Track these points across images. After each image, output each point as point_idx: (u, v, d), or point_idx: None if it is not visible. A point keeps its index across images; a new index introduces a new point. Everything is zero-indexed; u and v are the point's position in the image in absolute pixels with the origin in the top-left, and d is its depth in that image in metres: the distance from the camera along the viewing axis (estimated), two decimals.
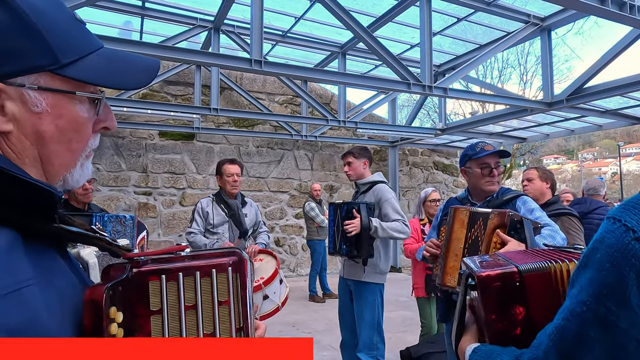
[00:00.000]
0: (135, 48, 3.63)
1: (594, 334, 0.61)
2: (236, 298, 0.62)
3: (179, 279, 0.60)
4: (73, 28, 0.59)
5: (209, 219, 3.28)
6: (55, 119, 0.56)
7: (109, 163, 7.14)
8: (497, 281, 0.83)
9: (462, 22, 5.77)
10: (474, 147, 2.30)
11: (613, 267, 0.60)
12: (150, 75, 0.65)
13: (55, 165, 0.58)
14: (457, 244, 1.92)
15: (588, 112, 6.10)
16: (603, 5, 3.18)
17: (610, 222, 0.64)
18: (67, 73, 0.56)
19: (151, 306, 0.59)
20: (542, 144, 26.02)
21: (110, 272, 0.60)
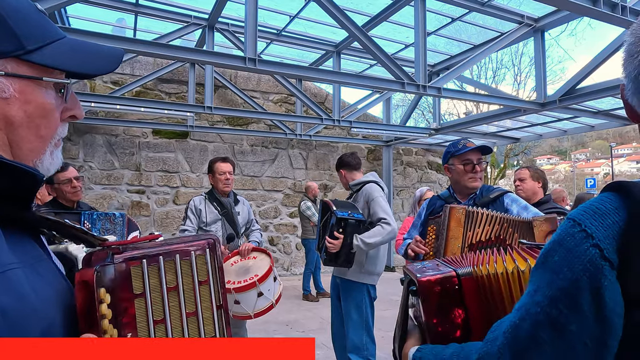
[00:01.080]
0: (128, 45, 3.61)
1: (545, 336, 0.62)
2: (215, 277, 0.65)
3: (160, 262, 0.62)
4: (36, 18, 0.60)
5: (201, 217, 3.28)
6: (24, 105, 0.58)
7: (101, 161, 7.09)
8: (437, 285, 0.84)
9: (457, 22, 5.79)
10: (456, 144, 2.31)
11: (569, 271, 0.61)
12: (114, 62, 0.66)
13: (24, 150, 0.59)
14: (455, 242, 1.92)
15: (580, 112, 6.15)
16: (595, 6, 3.20)
17: (571, 224, 0.64)
18: (33, 58, 0.57)
19: (134, 290, 0.60)
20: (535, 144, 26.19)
21: (92, 258, 0.62)
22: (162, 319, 0.61)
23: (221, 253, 0.72)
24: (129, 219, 2.88)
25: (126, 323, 0.59)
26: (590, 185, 23.77)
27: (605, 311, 0.59)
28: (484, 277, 0.84)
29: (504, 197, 2.19)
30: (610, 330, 0.59)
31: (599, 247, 0.60)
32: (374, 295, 3.13)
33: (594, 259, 0.60)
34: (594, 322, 0.59)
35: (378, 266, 3.10)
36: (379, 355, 3.89)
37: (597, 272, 0.59)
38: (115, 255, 0.61)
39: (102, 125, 7.02)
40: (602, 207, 0.64)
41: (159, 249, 0.64)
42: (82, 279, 0.58)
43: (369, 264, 3.04)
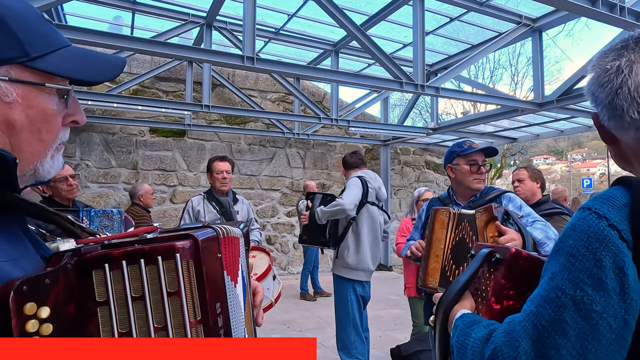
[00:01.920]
0: (126, 43, 3.59)
1: (569, 319, 0.62)
2: (189, 288, 0.56)
3: (123, 267, 0.55)
4: (42, 26, 0.62)
5: (200, 217, 3.27)
6: (26, 109, 0.59)
7: (98, 159, 7.06)
8: (526, 262, 0.85)
9: (455, 22, 5.79)
10: (461, 145, 2.28)
11: (590, 252, 0.63)
12: (116, 70, 0.68)
13: (26, 153, 0.60)
14: (438, 244, 1.93)
15: (577, 113, 6.17)
16: (594, 6, 3.21)
17: (581, 211, 0.67)
18: (36, 65, 0.59)
19: (97, 297, 0.55)
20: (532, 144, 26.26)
21: (52, 260, 0.57)
22: (128, 331, 0.55)
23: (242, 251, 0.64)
24: (125, 216, 2.87)
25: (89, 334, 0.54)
26: (586, 185, 23.84)
27: (629, 290, 0.61)
28: None
29: (501, 198, 2.18)
30: (632, 309, 0.61)
31: (616, 227, 0.63)
32: (362, 294, 3.12)
33: (614, 239, 0.62)
34: (618, 301, 0.61)
35: (361, 262, 3.08)
36: (376, 354, 3.90)
37: (619, 252, 0.61)
38: (75, 257, 0.56)
39: (99, 123, 6.99)
40: (610, 194, 0.67)
41: (125, 249, 0.56)
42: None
43: (349, 257, 3.06)
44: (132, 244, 0.58)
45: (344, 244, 3.10)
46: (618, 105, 0.74)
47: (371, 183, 3.18)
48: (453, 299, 0.92)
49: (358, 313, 3.05)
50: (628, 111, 0.72)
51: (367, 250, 3.12)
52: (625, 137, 0.77)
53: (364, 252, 3.10)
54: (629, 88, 0.72)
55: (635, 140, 0.75)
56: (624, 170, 0.83)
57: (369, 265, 3.14)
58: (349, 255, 3.06)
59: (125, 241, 0.59)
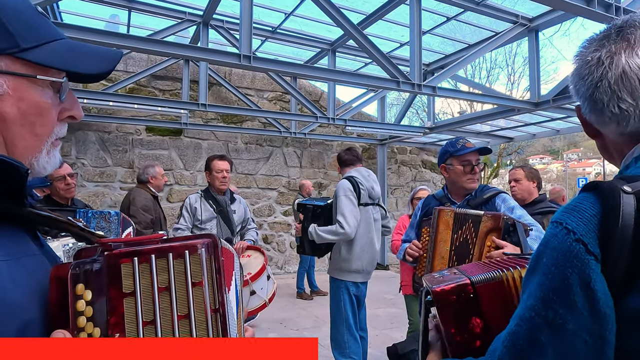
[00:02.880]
0: (122, 41, 3.57)
1: (544, 338, 0.61)
2: (210, 279, 0.62)
3: (152, 260, 0.60)
4: (34, 18, 0.61)
5: (197, 215, 3.27)
6: (17, 102, 0.58)
7: (94, 158, 7.03)
8: (452, 295, 0.83)
9: (451, 22, 5.80)
10: (454, 144, 2.27)
11: (557, 269, 0.62)
12: (111, 62, 0.66)
13: (19, 148, 0.60)
14: (443, 246, 1.91)
15: (573, 112, 6.19)
16: (589, 6, 3.22)
17: (554, 226, 0.65)
18: (27, 57, 0.58)
19: (124, 288, 0.58)
20: (528, 144, 26.37)
21: (82, 254, 0.61)
22: (152, 320, 0.58)
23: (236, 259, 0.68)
24: (123, 217, 2.86)
25: (114, 323, 0.57)
26: (582, 185, 23.97)
27: (598, 305, 0.59)
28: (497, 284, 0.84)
29: (496, 198, 2.18)
30: (606, 324, 0.60)
31: (582, 241, 0.61)
32: (355, 293, 3.11)
33: (579, 253, 0.61)
34: (590, 318, 0.59)
35: (354, 263, 3.07)
36: (373, 353, 3.90)
37: (584, 267, 0.60)
38: (106, 252, 0.60)
39: (94, 122, 6.96)
40: (578, 205, 0.65)
41: (153, 246, 0.61)
42: (56, 275, 0.57)
43: (342, 260, 3.06)
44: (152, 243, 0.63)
45: (336, 245, 3.09)
46: (598, 99, 0.71)
47: (363, 183, 3.14)
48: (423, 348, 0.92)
49: (351, 313, 3.05)
50: (608, 105, 0.70)
51: (360, 252, 3.10)
52: (607, 131, 0.75)
53: (357, 255, 3.08)
54: (609, 81, 0.69)
55: (616, 135, 0.73)
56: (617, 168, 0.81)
57: (363, 266, 3.12)
58: (342, 257, 3.06)
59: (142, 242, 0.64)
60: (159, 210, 4.15)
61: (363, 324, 3.29)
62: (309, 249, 3.13)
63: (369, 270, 3.19)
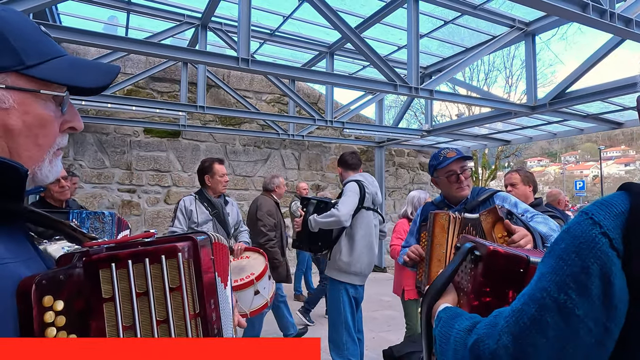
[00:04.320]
0: (120, 44, 3.58)
1: (550, 320, 0.63)
2: (189, 284, 0.61)
3: (129, 266, 0.60)
4: (37, 37, 0.65)
5: (192, 218, 3.26)
6: (22, 115, 0.62)
7: (92, 160, 7.03)
8: (504, 260, 0.86)
9: (449, 25, 5.83)
10: (437, 157, 2.26)
11: (578, 257, 0.63)
12: (109, 77, 0.71)
13: (23, 158, 0.63)
14: (440, 249, 1.93)
15: (570, 116, 6.23)
16: (585, 12, 3.25)
17: (580, 215, 0.67)
18: (31, 73, 0.62)
19: (103, 293, 0.59)
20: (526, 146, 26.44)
21: (61, 261, 0.62)
22: (132, 324, 0.59)
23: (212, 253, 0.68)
24: (119, 218, 2.87)
25: (95, 327, 0.58)
26: (579, 187, 24.02)
27: (613, 299, 0.61)
28: None
29: (494, 197, 2.18)
30: (615, 317, 0.62)
31: (607, 235, 0.63)
32: (354, 295, 3.13)
33: (603, 246, 0.62)
34: (601, 308, 0.61)
35: (353, 265, 3.09)
36: (369, 355, 3.91)
37: (608, 260, 0.62)
38: (84, 257, 0.60)
39: (92, 123, 6.95)
40: (609, 200, 0.67)
41: (130, 251, 0.61)
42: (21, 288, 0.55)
43: (340, 261, 3.07)
44: (134, 245, 0.62)
45: (337, 247, 3.11)
46: None
47: (369, 188, 3.18)
48: (437, 292, 0.95)
49: (350, 314, 3.06)
50: None
51: (360, 254, 3.12)
52: None
53: (357, 256, 3.10)
54: None
55: None
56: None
57: (362, 269, 3.14)
58: (341, 258, 3.07)
59: (126, 244, 0.64)
60: (280, 215, 4.56)
61: (360, 326, 3.30)
62: (306, 243, 3.15)
63: (366, 274, 3.21)
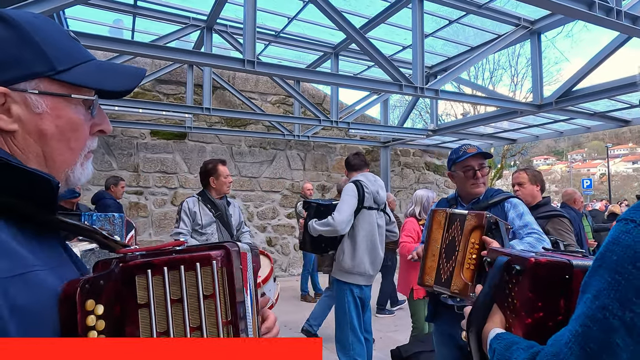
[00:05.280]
0: (126, 47, 3.61)
1: (620, 342, 0.58)
2: (222, 292, 0.62)
3: (164, 273, 0.61)
4: (67, 42, 0.68)
5: (196, 219, 3.24)
6: (55, 119, 0.64)
7: (99, 162, 7.09)
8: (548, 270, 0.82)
9: (454, 24, 5.82)
10: (457, 151, 2.31)
11: (637, 269, 0.58)
12: (137, 80, 0.73)
13: (57, 162, 0.65)
14: (434, 244, 1.95)
15: (577, 114, 6.20)
16: (591, 10, 3.23)
17: (623, 224, 0.62)
18: (63, 78, 0.64)
19: (138, 299, 0.60)
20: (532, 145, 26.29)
21: (99, 266, 0.64)
22: (166, 330, 0.60)
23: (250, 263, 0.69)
24: (126, 219, 2.90)
25: (130, 333, 0.59)
26: (586, 186, 23.79)
27: None
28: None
29: (505, 202, 2.19)
30: None
31: None
32: (359, 296, 3.12)
33: None
34: None
35: (357, 266, 3.09)
36: (377, 355, 3.92)
37: None
38: (121, 263, 0.62)
39: None
40: None
41: (166, 258, 0.63)
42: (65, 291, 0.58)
43: (344, 262, 3.08)
44: (168, 253, 0.64)
45: (340, 248, 3.12)
46: None
47: (368, 187, 3.16)
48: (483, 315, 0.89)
49: (356, 315, 3.06)
50: None
51: (363, 255, 3.11)
52: None
53: (360, 257, 3.10)
54: None
55: None
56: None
57: (366, 269, 3.13)
58: (345, 259, 3.08)
59: (159, 251, 0.66)
60: None
61: (368, 327, 3.30)
62: (309, 246, 3.18)
63: (372, 274, 3.20)
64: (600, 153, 56.60)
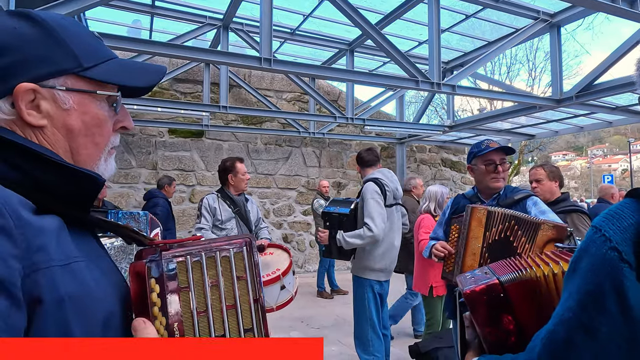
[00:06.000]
0: (144, 47, 3.67)
1: (580, 341, 0.64)
2: (252, 273, 0.70)
3: (202, 258, 0.67)
4: (92, 41, 0.70)
5: (216, 215, 3.33)
6: (81, 115, 0.66)
7: (119, 160, 7.22)
8: (483, 295, 0.87)
9: (471, 19, 5.75)
10: (479, 145, 2.33)
11: (594, 275, 0.64)
12: (157, 76, 0.75)
13: (83, 156, 0.67)
14: (475, 242, 1.94)
15: (598, 108, 6.06)
16: (614, 2, 3.16)
17: (593, 231, 0.68)
18: (89, 74, 0.66)
19: (180, 283, 0.66)
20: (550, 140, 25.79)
21: (142, 254, 0.70)
22: (205, 310, 0.66)
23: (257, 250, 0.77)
24: (151, 217, 2.95)
25: (174, 313, 0.64)
26: (608, 182, 23.27)
27: (632, 312, 0.61)
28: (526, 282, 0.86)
29: (527, 200, 2.20)
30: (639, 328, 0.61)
31: (617, 249, 0.63)
32: (379, 291, 3.13)
33: (614, 261, 0.62)
34: (623, 324, 0.61)
35: (379, 262, 3.09)
36: (394, 351, 3.92)
37: (619, 274, 0.62)
38: (163, 251, 0.67)
39: None
40: (619, 212, 0.67)
41: (201, 246, 0.69)
42: (135, 270, 0.66)
43: (366, 259, 3.08)
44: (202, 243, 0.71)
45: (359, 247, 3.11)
46: None
47: (389, 185, 3.15)
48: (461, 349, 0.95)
49: (375, 311, 3.07)
50: None
51: (384, 251, 3.12)
52: None
53: (381, 253, 3.10)
54: None
55: None
56: None
57: (387, 265, 3.14)
58: (366, 256, 3.08)
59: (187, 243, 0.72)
60: None
61: (385, 322, 3.31)
62: (336, 254, 3.15)
63: (391, 269, 3.21)
64: (622, 148, 55.20)
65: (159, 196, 5.43)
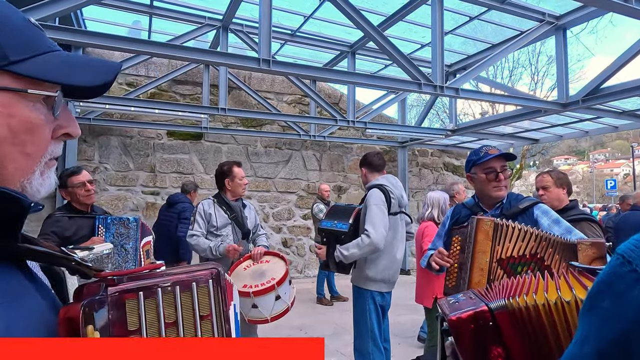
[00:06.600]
0: (143, 47, 3.59)
1: None
2: (219, 312, 0.60)
3: (158, 295, 0.57)
4: (25, 30, 0.56)
5: (212, 221, 3.23)
6: (7, 119, 0.53)
7: (116, 162, 7.13)
8: (470, 323, 0.76)
9: (474, 21, 5.66)
10: (477, 152, 2.20)
11: (619, 320, 0.52)
12: (108, 74, 0.61)
13: (10, 169, 0.54)
14: (482, 257, 1.80)
15: (604, 113, 5.96)
16: (627, 2, 3.06)
17: (620, 262, 0.54)
18: (16, 69, 0.53)
19: (129, 326, 0.55)
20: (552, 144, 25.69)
21: (84, 291, 0.58)
22: None
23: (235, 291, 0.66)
24: (142, 224, 2.85)
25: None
26: (610, 187, 23.18)
27: None
28: (521, 310, 0.75)
29: (533, 209, 2.08)
30: None
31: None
32: (381, 303, 3.02)
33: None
34: None
35: (380, 273, 2.98)
36: None
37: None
38: (109, 287, 0.56)
39: (117, 126, 7.06)
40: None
41: (158, 280, 0.58)
42: (67, 316, 0.54)
43: (367, 270, 2.97)
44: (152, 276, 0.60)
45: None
46: None
47: (394, 192, 3.04)
48: None
49: (377, 323, 2.95)
50: None
51: (386, 261, 3.00)
52: None
53: (384, 264, 2.99)
54: None
55: None
56: None
57: (389, 276, 3.03)
58: (367, 266, 2.96)
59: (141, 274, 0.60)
60: None
61: (387, 335, 3.19)
62: (334, 268, 3.01)
63: (394, 280, 3.10)
64: (624, 152, 55.10)
65: (186, 201, 5.29)
